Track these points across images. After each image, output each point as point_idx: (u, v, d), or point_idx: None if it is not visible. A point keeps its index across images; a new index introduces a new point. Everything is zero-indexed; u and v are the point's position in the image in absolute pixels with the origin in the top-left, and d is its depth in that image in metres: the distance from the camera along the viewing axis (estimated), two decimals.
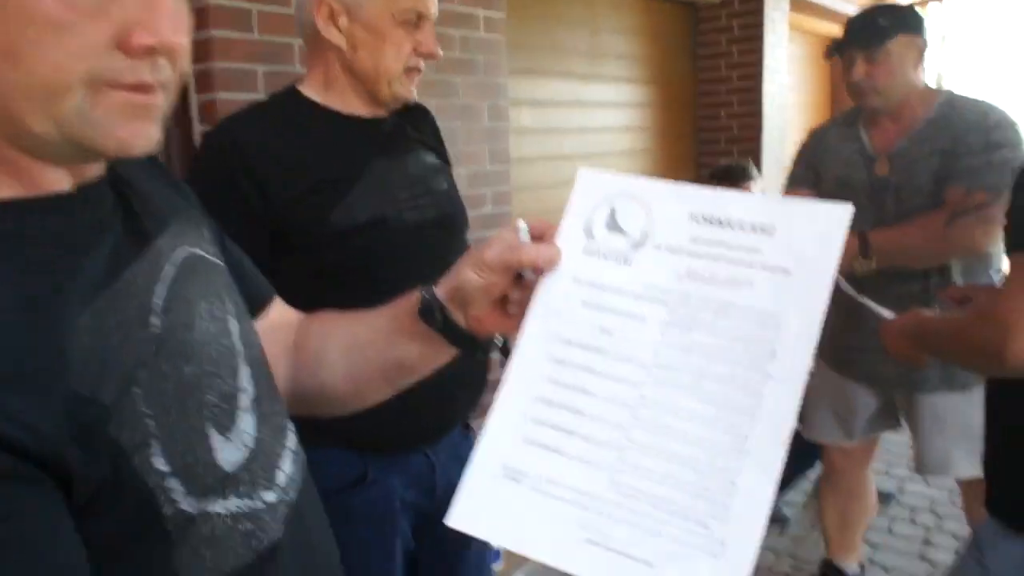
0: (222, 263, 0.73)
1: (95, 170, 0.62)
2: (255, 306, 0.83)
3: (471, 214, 2.89)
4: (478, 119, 2.94)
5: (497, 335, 0.80)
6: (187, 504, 0.57)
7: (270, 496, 0.64)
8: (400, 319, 0.80)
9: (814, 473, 2.86)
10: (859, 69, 1.90)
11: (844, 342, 2.04)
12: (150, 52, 0.54)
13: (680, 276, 0.63)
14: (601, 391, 0.62)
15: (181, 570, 0.57)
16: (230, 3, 2.14)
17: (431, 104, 2.74)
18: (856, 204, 1.92)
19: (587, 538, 0.58)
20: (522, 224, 0.72)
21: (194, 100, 2.19)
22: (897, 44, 1.87)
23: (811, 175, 2.11)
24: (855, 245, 1.82)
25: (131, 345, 0.56)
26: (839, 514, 2.26)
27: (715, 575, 0.55)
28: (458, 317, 0.76)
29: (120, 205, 0.63)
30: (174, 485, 0.56)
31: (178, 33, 0.55)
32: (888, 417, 2.12)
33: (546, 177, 3.55)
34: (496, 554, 2.18)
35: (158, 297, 0.60)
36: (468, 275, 0.73)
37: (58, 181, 0.58)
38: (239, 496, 0.61)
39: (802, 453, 2.31)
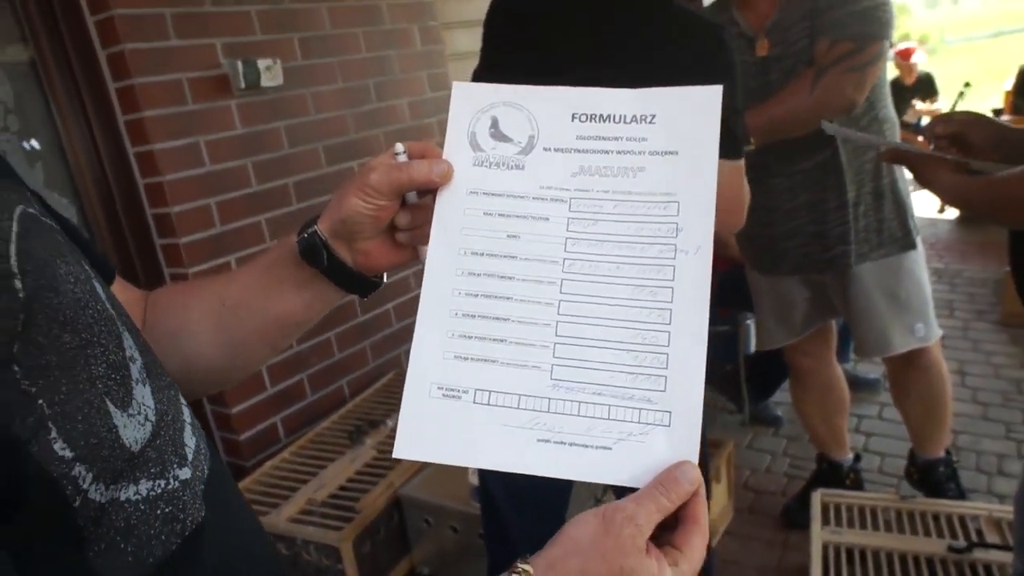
0: (58, 227, 0.58)
1: None
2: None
3: None
4: (410, 44, 2.72)
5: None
6: (96, 493, 0.49)
7: (184, 473, 0.55)
8: (276, 269, 0.72)
9: None
10: None
11: (765, 238, 1.98)
12: None
13: (574, 173, 0.65)
14: (520, 294, 0.62)
15: (101, 570, 0.48)
16: None
17: (356, 32, 2.56)
18: (745, 88, 1.74)
19: (538, 438, 0.58)
20: (399, 147, 0.67)
21: (101, 54, 1.95)
22: None
23: None
24: None
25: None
26: (818, 410, 2.24)
27: (669, 442, 0.57)
28: (344, 254, 0.68)
29: None
30: (80, 472, 0.48)
31: None
32: (824, 307, 2.08)
33: None
34: None
35: (13, 257, 0.48)
36: (353, 203, 0.65)
37: None
38: (150, 477, 0.52)
39: (780, 360, 2.27)
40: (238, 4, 2.18)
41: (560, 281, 0.62)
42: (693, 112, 0.64)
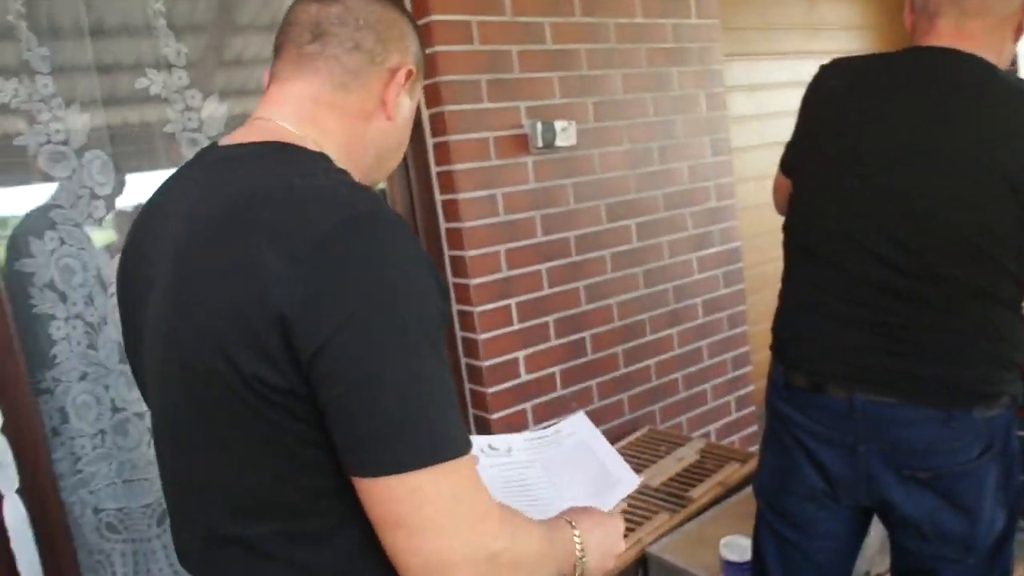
0: None
1: None
2: None
3: (693, 209, 2.79)
4: (695, 109, 2.78)
5: None
6: None
7: None
8: None
9: None
10: None
11: None
12: None
13: (537, 453, 1.25)
14: (528, 495, 1.16)
15: None
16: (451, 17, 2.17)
17: (646, 97, 2.67)
18: None
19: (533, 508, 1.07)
20: None
21: (424, 113, 2.25)
22: None
23: None
24: None
25: None
26: None
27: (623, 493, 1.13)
28: None
29: None
30: None
31: None
32: None
33: (769, 165, 3.30)
34: None
35: None
36: None
37: None
38: None
39: None
40: (543, 71, 2.38)
41: (545, 487, 1.18)
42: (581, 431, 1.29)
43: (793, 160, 1.46)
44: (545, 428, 1.32)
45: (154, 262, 0.82)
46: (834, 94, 1.36)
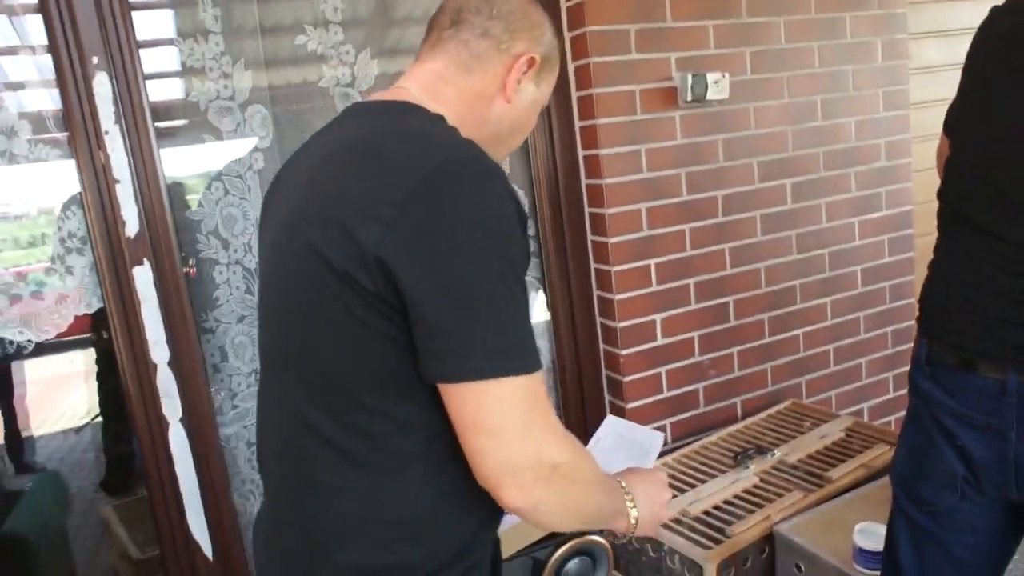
0: None
1: None
2: None
3: (859, 169, 2.57)
4: (870, 58, 2.54)
5: None
6: None
7: None
8: None
9: None
10: None
11: None
12: None
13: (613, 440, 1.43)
14: None
15: None
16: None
17: (812, 47, 2.47)
18: None
19: None
20: None
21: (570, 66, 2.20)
22: None
23: None
24: None
25: None
26: None
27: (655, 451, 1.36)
28: None
29: None
30: None
31: None
32: None
33: None
34: None
35: None
36: None
37: None
38: None
39: None
40: (698, 19, 2.25)
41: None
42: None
43: (956, 117, 1.31)
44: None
45: (291, 186, 0.98)
46: (1009, 38, 1.18)
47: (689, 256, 2.33)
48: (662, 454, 2.26)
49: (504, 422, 0.80)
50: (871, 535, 1.64)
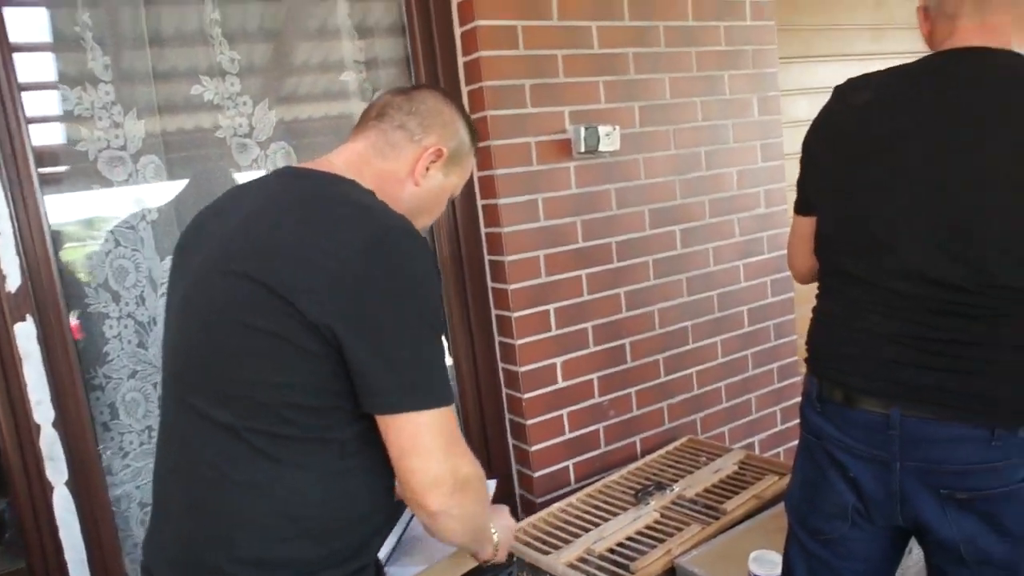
0: None
1: None
2: None
3: (741, 216, 2.74)
4: (747, 113, 2.73)
5: None
6: None
7: None
8: None
9: None
10: None
11: None
12: None
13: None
14: None
15: None
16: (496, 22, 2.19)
17: (695, 102, 2.63)
18: None
19: None
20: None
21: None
22: None
23: None
24: None
25: None
26: None
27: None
28: None
29: None
30: None
31: None
32: None
33: None
34: None
35: None
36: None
37: None
38: None
39: None
40: (589, 75, 2.37)
41: None
42: None
43: (815, 192, 1.42)
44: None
45: (216, 233, 1.08)
46: (859, 112, 1.31)
47: (586, 300, 2.41)
48: (564, 495, 2.30)
49: (431, 445, 0.99)
50: (765, 562, 1.71)
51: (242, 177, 2.08)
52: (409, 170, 1.20)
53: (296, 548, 1.01)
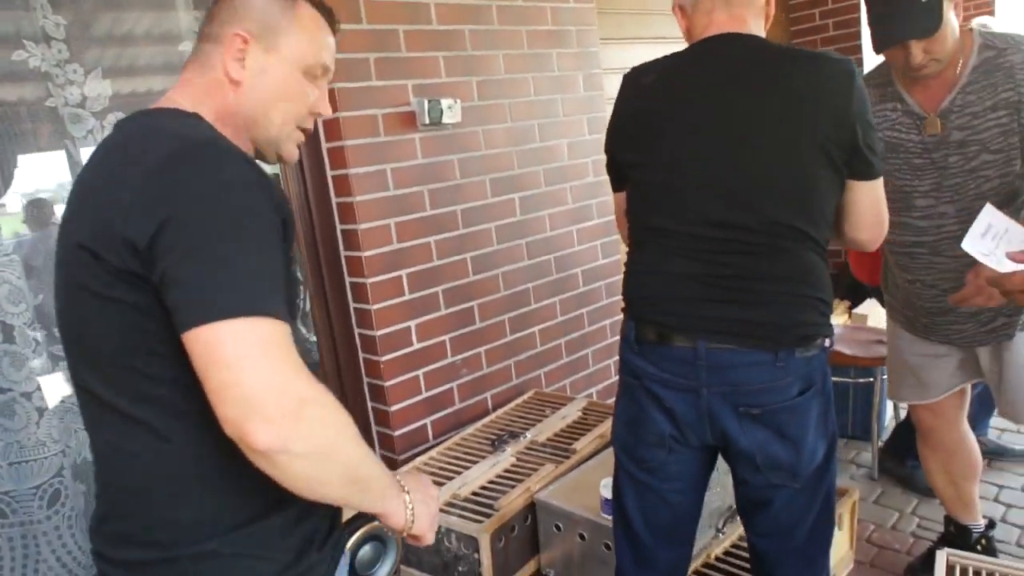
0: None
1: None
2: None
3: (574, 183, 2.95)
4: (574, 89, 2.95)
5: None
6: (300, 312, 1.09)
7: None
8: None
9: None
10: (917, 55, 1.73)
11: (921, 309, 2.02)
12: (318, 117, 1.14)
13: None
14: None
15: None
16: None
17: (527, 77, 2.81)
18: (909, 165, 1.89)
19: None
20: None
21: None
22: (946, 11, 1.70)
23: None
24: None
25: (291, 216, 0.98)
26: (943, 471, 2.21)
27: None
28: None
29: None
30: (300, 291, 1.20)
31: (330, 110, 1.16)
32: (970, 372, 2.06)
33: None
34: None
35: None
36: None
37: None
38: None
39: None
40: (429, 50, 2.47)
41: None
42: None
43: (622, 167, 1.60)
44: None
45: (73, 192, 1.02)
46: (647, 89, 1.55)
47: (436, 266, 2.52)
48: (424, 450, 2.42)
49: (241, 353, 0.80)
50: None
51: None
52: (224, 73, 1.05)
53: (183, 509, 0.94)
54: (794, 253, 1.43)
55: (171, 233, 0.83)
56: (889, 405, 3.25)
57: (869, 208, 1.50)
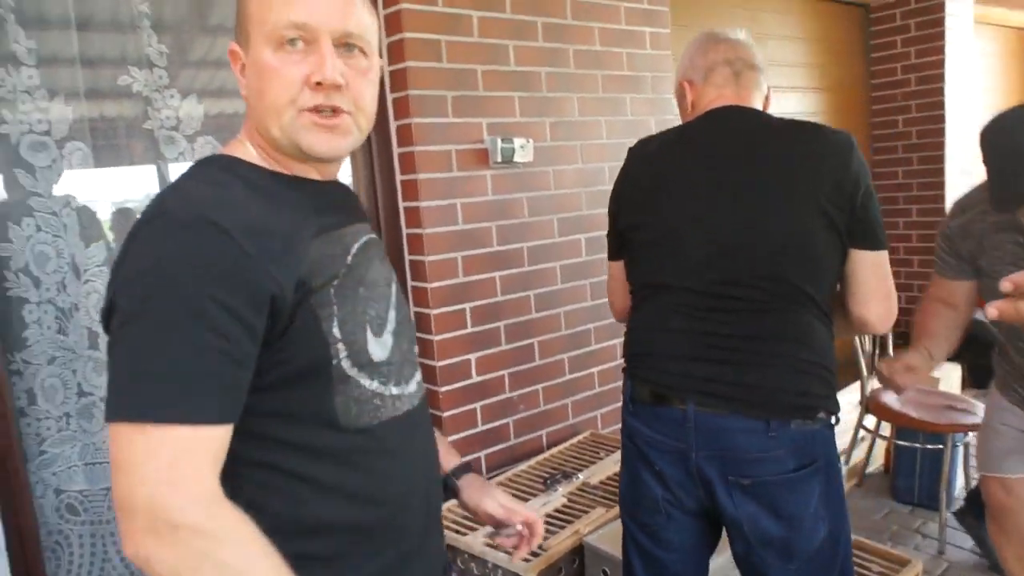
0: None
1: (329, 174, 1.03)
2: None
3: None
4: (646, 134, 2.96)
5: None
6: (346, 366, 0.91)
7: (396, 391, 0.98)
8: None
9: None
10: None
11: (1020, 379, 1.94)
12: (320, 87, 0.91)
13: None
14: None
15: (337, 409, 0.91)
16: (422, 36, 2.31)
17: (600, 120, 2.84)
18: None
19: None
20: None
21: (392, 124, 2.38)
22: None
23: (968, 268, 1.94)
24: None
25: (335, 265, 0.92)
26: (1017, 556, 2.09)
27: None
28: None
29: (337, 197, 1.04)
30: (340, 349, 0.90)
31: (337, 76, 0.91)
32: None
33: None
34: None
35: (354, 248, 0.97)
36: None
37: (307, 172, 1.00)
38: (378, 381, 0.95)
39: None
40: (505, 90, 2.53)
41: None
42: None
43: (624, 232, 1.61)
44: None
45: None
46: (650, 157, 1.59)
47: (500, 301, 2.55)
48: None
49: (121, 458, 0.77)
50: None
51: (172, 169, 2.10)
52: (239, 83, 0.98)
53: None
54: (794, 313, 1.39)
55: (114, 316, 0.83)
56: (960, 474, 3.12)
57: (873, 280, 1.44)
